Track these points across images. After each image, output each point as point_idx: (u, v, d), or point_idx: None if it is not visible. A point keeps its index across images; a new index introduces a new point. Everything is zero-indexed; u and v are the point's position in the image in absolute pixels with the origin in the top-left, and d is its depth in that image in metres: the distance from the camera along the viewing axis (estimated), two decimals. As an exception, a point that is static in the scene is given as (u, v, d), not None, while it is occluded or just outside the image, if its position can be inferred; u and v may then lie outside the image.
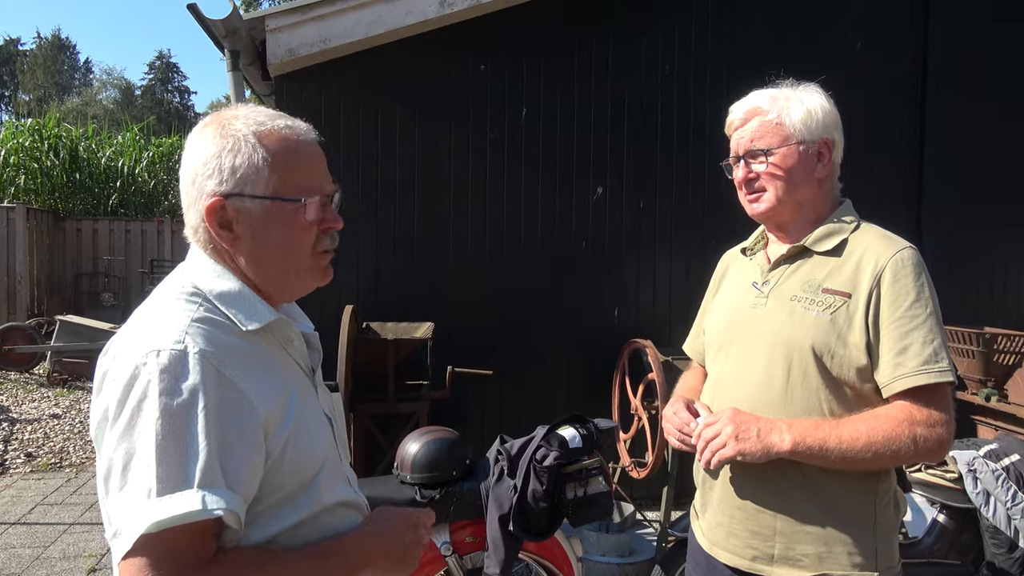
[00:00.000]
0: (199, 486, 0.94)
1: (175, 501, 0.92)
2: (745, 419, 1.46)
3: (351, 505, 1.22)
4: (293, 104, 4.27)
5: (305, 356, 1.27)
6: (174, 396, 0.96)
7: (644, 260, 4.66)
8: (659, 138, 4.62)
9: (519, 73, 4.49)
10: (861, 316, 1.46)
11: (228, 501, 0.95)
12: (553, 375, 4.60)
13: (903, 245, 1.51)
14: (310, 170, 1.16)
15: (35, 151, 13.97)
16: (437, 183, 4.45)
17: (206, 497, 0.93)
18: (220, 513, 0.94)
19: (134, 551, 0.92)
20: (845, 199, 1.67)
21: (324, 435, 1.20)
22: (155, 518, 0.91)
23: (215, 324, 1.06)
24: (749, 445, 1.43)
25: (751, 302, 1.62)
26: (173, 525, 0.92)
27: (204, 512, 0.93)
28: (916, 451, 1.39)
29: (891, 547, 1.51)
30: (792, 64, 4.43)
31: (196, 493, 0.93)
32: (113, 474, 0.96)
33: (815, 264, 1.57)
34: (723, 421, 1.47)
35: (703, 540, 1.66)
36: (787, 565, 1.49)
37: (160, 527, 0.91)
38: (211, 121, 1.14)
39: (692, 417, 1.57)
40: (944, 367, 1.41)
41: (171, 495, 0.92)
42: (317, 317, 4.38)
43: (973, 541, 3.03)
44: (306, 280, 1.19)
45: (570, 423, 2.59)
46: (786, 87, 1.63)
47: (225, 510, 0.94)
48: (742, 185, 1.63)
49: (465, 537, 2.61)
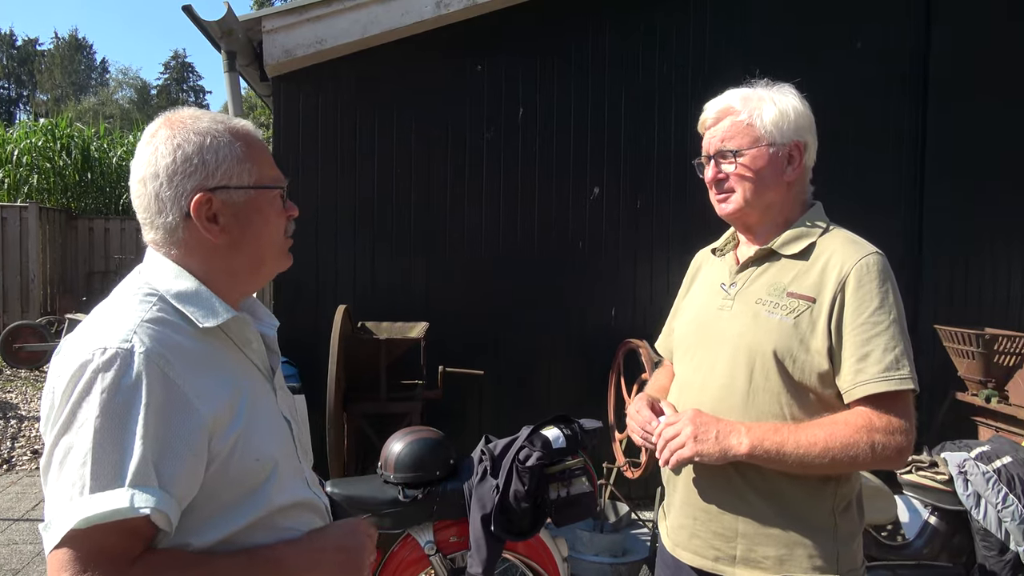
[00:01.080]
0: (130, 484, 0.95)
1: (104, 498, 0.93)
2: (705, 420, 1.46)
3: (307, 506, 1.22)
4: (290, 105, 4.30)
5: (264, 358, 1.28)
6: (115, 394, 0.97)
7: (641, 260, 4.66)
8: (656, 138, 4.61)
9: (516, 73, 4.49)
10: (824, 321, 1.45)
11: (158, 501, 0.96)
12: (550, 375, 4.61)
13: (869, 251, 1.50)
14: (271, 162, 1.22)
15: (48, 151, 14.12)
16: (434, 183, 4.46)
17: (135, 496, 0.94)
18: (147, 511, 0.95)
19: (62, 544, 0.93)
20: (816, 202, 1.66)
21: (279, 437, 1.21)
22: (84, 514, 0.92)
23: (167, 324, 1.07)
24: (707, 447, 1.43)
25: (718, 304, 1.62)
26: (101, 522, 0.93)
27: (131, 510, 0.94)
28: (874, 458, 1.39)
29: (852, 550, 1.51)
30: (791, 62, 4.43)
31: (126, 492, 0.94)
32: (52, 467, 0.98)
33: (782, 267, 1.56)
34: (683, 422, 1.48)
35: (667, 541, 1.67)
36: (748, 567, 1.50)
37: (88, 523, 0.92)
38: (166, 124, 1.15)
39: (653, 416, 1.58)
40: (904, 375, 1.41)
41: (102, 492, 0.94)
42: (313, 316, 4.40)
43: (965, 543, 3.01)
44: (278, 263, 1.24)
45: (555, 423, 2.59)
46: (761, 87, 1.62)
47: (153, 509, 0.95)
48: (712, 185, 1.63)
49: (449, 537, 2.62)
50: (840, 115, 4.61)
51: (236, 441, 1.07)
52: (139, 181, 1.13)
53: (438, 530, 2.61)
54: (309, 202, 4.33)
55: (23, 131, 14.56)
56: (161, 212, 1.12)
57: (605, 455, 4.29)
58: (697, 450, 1.44)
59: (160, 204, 1.12)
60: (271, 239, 1.20)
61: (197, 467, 1.02)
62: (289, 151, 4.32)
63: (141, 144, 1.15)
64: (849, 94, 4.70)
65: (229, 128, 1.16)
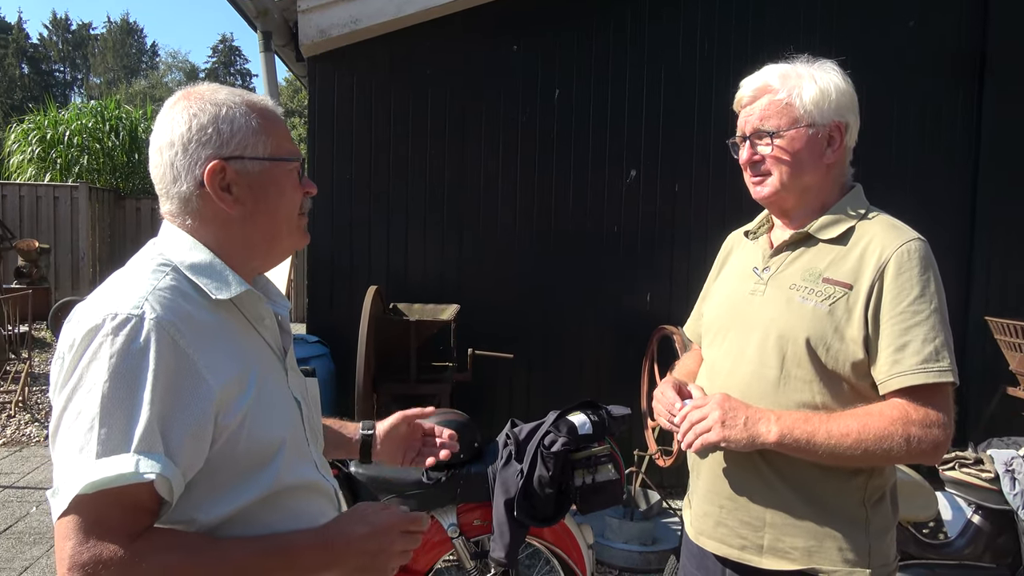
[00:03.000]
0: (135, 450, 0.94)
1: (110, 463, 0.93)
2: (734, 405, 1.41)
3: (315, 489, 1.21)
4: (325, 85, 4.30)
5: (276, 337, 1.26)
6: (124, 359, 0.96)
7: (679, 245, 4.56)
8: (696, 119, 4.49)
9: (553, 53, 4.42)
10: (861, 309, 1.39)
11: (163, 467, 0.95)
12: (581, 360, 4.56)
13: (911, 236, 1.42)
14: (288, 137, 1.21)
15: (97, 132, 14.50)
16: (468, 164, 4.42)
17: (140, 462, 0.93)
18: (151, 477, 0.94)
19: (69, 511, 0.93)
20: (856, 184, 1.58)
21: (288, 417, 1.19)
22: (90, 478, 0.92)
23: (179, 294, 1.06)
24: (735, 432, 1.38)
25: (750, 288, 1.56)
26: (107, 487, 0.92)
27: (136, 475, 0.93)
28: (909, 452, 1.33)
29: (885, 545, 1.45)
30: (840, 42, 4.27)
31: (131, 457, 0.93)
32: (59, 431, 0.97)
33: (818, 252, 1.49)
34: (711, 405, 1.43)
35: (691, 529, 1.63)
36: (776, 557, 1.45)
37: (95, 488, 0.92)
38: (184, 96, 1.16)
39: (679, 399, 1.53)
40: (944, 367, 1.34)
41: (108, 457, 0.93)
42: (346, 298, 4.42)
43: (1011, 544, 2.89)
44: (293, 240, 1.22)
45: (582, 409, 2.54)
46: (801, 63, 1.54)
47: (158, 475, 0.94)
48: (746, 167, 1.57)
49: (473, 520, 2.60)
50: (889, 93, 4.43)
51: (244, 417, 1.06)
52: (156, 150, 1.14)
53: (461, 513, 2.59)
54: (343, 182, 4.33)
55: (74, 113, 14.95)
56: (176, 181, 1.12)
57: (637, 442, 4.24)
58: (724, 435, 1.39)
59: (175, 172, 1.12)
60: (286, 213, 1.18)
61: (203, 439, 1.01)
62: (324, 131, 4.32)
63: (160, 115, 1.16)
64: (897, 73, 4.51)
65: (246, 101, 1.16)
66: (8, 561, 3.65)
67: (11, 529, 4.02)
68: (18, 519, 4.16)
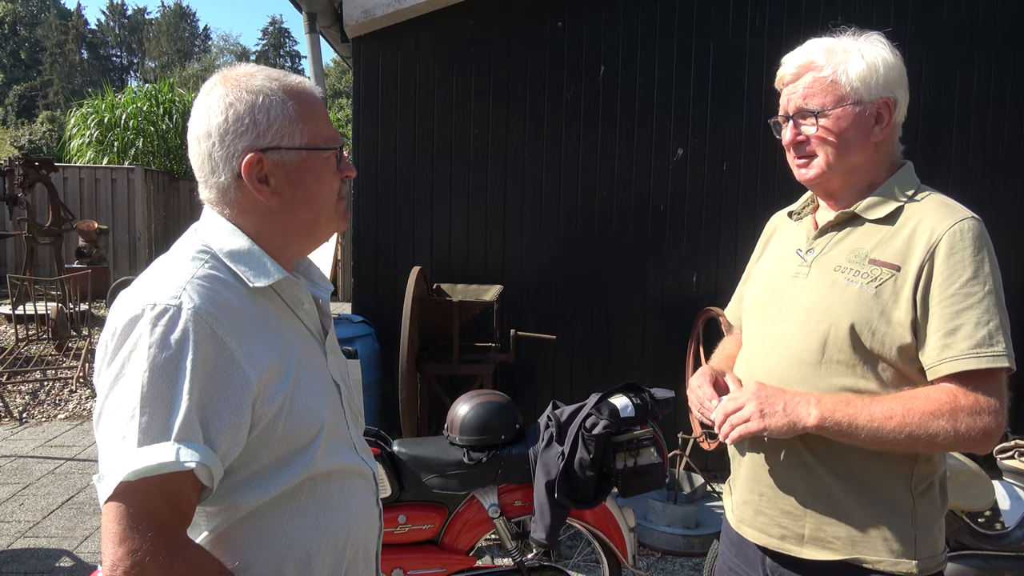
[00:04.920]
0: (176, 439, 0.96)
1: (151, 452, 0.95)
2: (770, 393, 1.37)
3: (353, 472, 1.22)
4: (370, 66, 4.30)
5: (316, 320, 1.27)
6: (163, 349, 0.98)
7: (726, 225, 4.46)
8: (745, 97, 4.38)
9: (597, 29, 4.34)
10: (909, 291, 1.33)
11: (203, 456, 0.97)
12: (625, 342, 4.52)
13: (964, 215, 1.35)
14: (327, 121, 1.18)
15: (152, 115, 14.86)
16: (512, 143, 4.39)
17: (180, 450, 0.95)
18: (192, 466, 0.96)
19: (115, 497, 0.95)
20: (907, 162, 1.51)
21: (328, 400, 1.20)
22: (133, 467, 0.94)
23: (218, 282, 1.07)
24: (775, 420, 1.34)
25: (793, 271, 1.51)
26: (149, 475, 0.94)
27: (176, 464, 0.95)
28: (956, 439, 1.27)
29: (933, 535, 1.40)
30: (898, 14, 4.10)
31: (172, 446, 0.95)
32: (103, 420, 1.00)
33: (864, 232, 1.43)
34: (746, 397, 1.39)
35: (731, 517, 1.59)
36: (817, 546, 1.41)
37: (137, 475, 0.94)
38: (221, 82, 1.14)
39: (714, 394, 1.49)
40: (999, 351, 1.27)
41: (149, 446, 0.95)
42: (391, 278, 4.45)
43: (1073, 537, 2.78)
44: (332, 225, 1.22)
45: (624, 392, 2.52)
46: (847, 37, 1.47)
47: (198, 463, 0.96)
48: (790, 148, 1.51)
49: (514, 501, 2.61)
50: (945, 67, 4.24)
51: (283, 402, 1.07)
52: (194, 139, 1.14)
53: (503, 493, 2.60)
54: (388, 164, 4.35)
55: (130, 96, 15.34)
56: (214, 172, 1.12)
57: (682, 425, 4.19)
58: (765, 424, 1.35)
59: (212, 164, 1.12)
60: (324, 201, 1.17)
61: (242, 426, 1.03)
62: (369, 111, 4.33)
63: (197, 101, 1.15)
64: (963, 48, 4.31)
65: (283, 86, 1.13)
66: (70, 530, 3.81)
67: (73, 499, 4.20)
68: (79, 490, 4.34)
